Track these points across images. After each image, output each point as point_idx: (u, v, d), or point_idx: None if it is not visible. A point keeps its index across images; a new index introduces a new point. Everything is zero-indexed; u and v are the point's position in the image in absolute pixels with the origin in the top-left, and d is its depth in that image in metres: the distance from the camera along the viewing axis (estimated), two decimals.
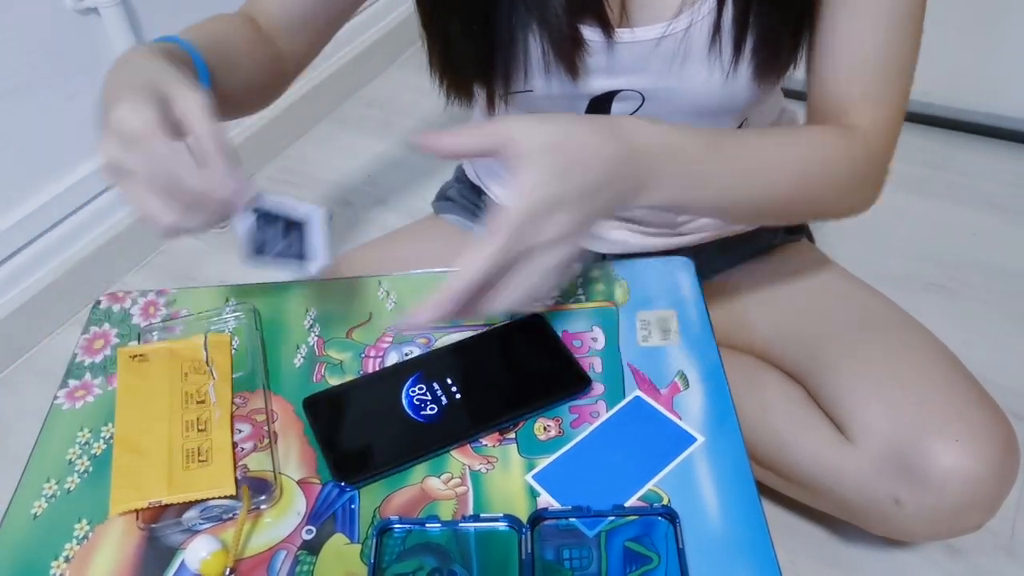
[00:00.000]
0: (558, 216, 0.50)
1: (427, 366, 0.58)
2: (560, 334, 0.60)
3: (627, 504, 0.50)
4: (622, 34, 0.65)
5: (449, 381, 0.57)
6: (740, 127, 0.75)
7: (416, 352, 0.60)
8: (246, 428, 0.56)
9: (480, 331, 0.61)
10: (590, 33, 0.65)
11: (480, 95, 0.71)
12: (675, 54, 0.65)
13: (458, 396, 0.56)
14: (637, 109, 0.71)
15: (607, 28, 0.64)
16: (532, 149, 0.49)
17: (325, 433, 0.54)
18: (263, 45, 0.72)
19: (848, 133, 0.65)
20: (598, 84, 0.69)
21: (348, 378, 0.59)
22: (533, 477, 0.52)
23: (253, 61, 0.70)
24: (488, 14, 0.64)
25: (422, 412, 0.55)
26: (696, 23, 0.64)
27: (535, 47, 0.66)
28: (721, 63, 0.65)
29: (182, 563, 0.48)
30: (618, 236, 0.87)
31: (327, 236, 0.54)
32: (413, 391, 0.56)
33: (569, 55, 0.65)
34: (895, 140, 0.67)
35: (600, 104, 0.71)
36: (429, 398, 0.56)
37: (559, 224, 0.50)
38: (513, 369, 0.59)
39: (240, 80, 0.68)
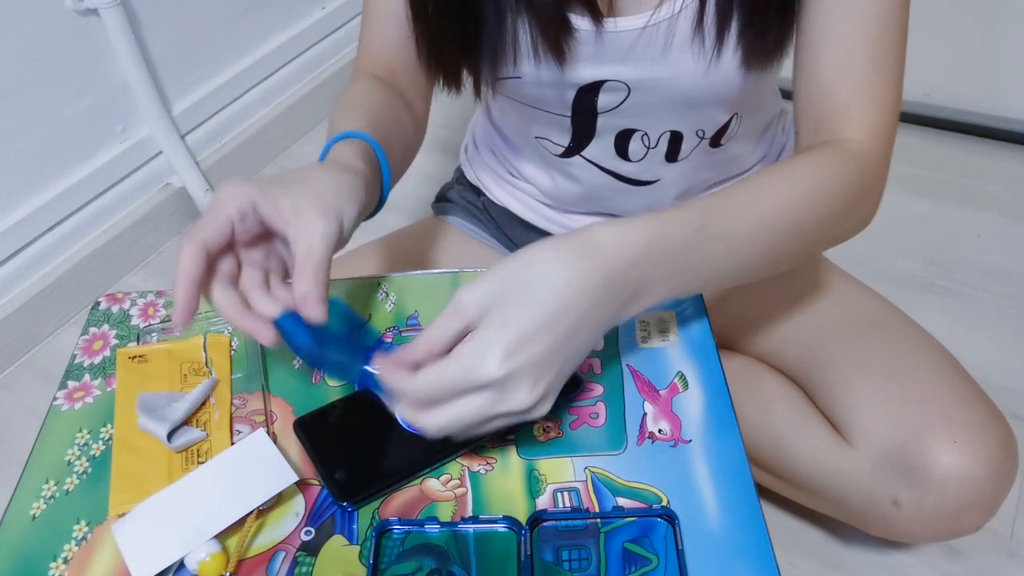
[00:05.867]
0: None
1: None
2: None
3: None
4: (608, 23, 0.66)
5: None
6: (731, 120, 0.75)
7: None
8: (245, 429, 0.56)
9: None
10: (578, 21, 0.65)
11: (468, 81, 0.71)
12: (659, 43, 0.66)
13: None
14: (623, 100, 0.70)
15: (596, 15, 0.65)
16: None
17: (322, 455, 0.53)
18: (404, 107, 0.73)
19: (841, 152, 0.61)
20: (586, 72, 0.69)
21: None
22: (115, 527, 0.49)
23: (403, 128, 0.72)
24: None
25: None
26: (681, 10, 0.64)
27: (523, 32, 0.66)
28: (705, 51, 0.65)
29: (181, 564, 0.48)
30: None
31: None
32: None
33: (557, 41, 0.65)
34: (891, 148, 0.64)
35: (587, 94, 0.71)
36: None
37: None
38: None
39: (398, 156, 0.70)
